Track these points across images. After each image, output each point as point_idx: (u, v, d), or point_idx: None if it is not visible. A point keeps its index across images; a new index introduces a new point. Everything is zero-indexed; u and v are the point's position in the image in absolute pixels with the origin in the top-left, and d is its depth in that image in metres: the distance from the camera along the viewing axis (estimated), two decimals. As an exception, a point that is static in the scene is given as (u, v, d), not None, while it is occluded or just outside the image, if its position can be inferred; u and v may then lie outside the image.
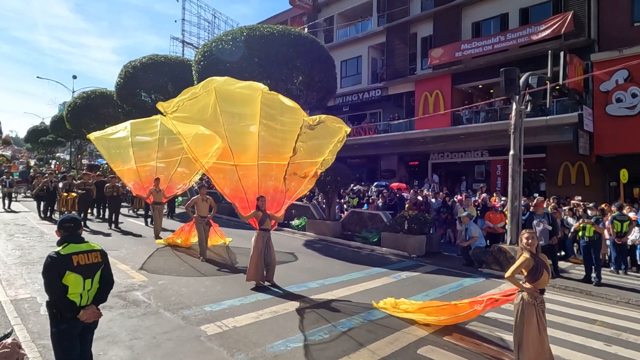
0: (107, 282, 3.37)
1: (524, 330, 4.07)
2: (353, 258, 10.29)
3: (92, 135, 12.52)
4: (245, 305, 6.16)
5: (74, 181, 14.23)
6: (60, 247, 3.16)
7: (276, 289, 7.09)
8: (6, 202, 17.36)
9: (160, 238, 10.97)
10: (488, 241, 11.15)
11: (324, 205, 14.60)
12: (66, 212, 11.44)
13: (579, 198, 12.58)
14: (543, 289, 4.17)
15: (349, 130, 7.38)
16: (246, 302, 6.31)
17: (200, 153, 7.46)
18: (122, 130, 11.82)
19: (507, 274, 4.20)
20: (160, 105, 7.15)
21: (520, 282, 4.24)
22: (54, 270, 3.05)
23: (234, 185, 7.55)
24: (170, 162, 11.66)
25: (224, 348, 4.65)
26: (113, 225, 13.15)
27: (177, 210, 17.55)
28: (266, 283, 7.27)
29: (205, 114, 7.17)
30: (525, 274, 4.12)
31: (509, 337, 5.17)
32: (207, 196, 9.67)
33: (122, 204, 17.64)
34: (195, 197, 9.75)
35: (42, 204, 14.99)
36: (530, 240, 4.17)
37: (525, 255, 4.13)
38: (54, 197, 14.53)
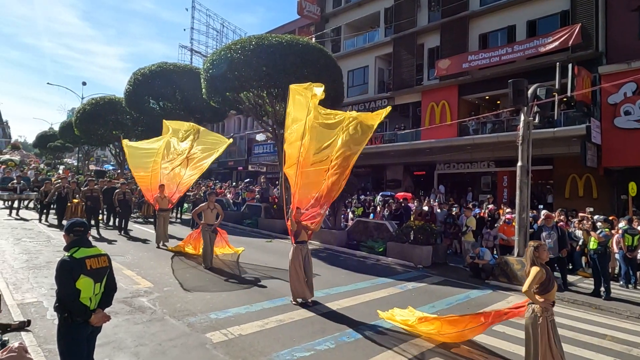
0: (112, 286, 3.40)
1: (539, 345, 4.01)
2: (359, 268, 10.24)
3: (125, 143, 12.80)
4: (250, 313, 6.13)
5: (81, 188, 14.15)
6: (72, 251, 3.16)
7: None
8: (15, 207, 16.08)
9: (165, 246, 10.97)
10: (496, 253, 11.06)
11: (329, 214, 14.56)
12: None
13: (591, 209, 12.40)
14: (554, 301, 4.14)
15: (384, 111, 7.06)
16: (252, 310, 6.28)
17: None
18: (157, 141, 12.01)
19: (524, 289, 4.14)
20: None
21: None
22: (69, 274, 3.04)
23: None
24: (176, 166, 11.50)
25: (229, 356, 4.62)
26: (122, 232, 13.05)
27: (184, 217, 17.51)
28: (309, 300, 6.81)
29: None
30: (537, 286, 4.08)
31: (516, 350, 5.11)
32: (215, 204, 9.52)
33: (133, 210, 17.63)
34: (202, 204, 9.58)
35: (44, 210, 14.50)
36: (541, 252, 4.14)
37: (537, 267, 4.09)
38: (65, 204, 13.95)
